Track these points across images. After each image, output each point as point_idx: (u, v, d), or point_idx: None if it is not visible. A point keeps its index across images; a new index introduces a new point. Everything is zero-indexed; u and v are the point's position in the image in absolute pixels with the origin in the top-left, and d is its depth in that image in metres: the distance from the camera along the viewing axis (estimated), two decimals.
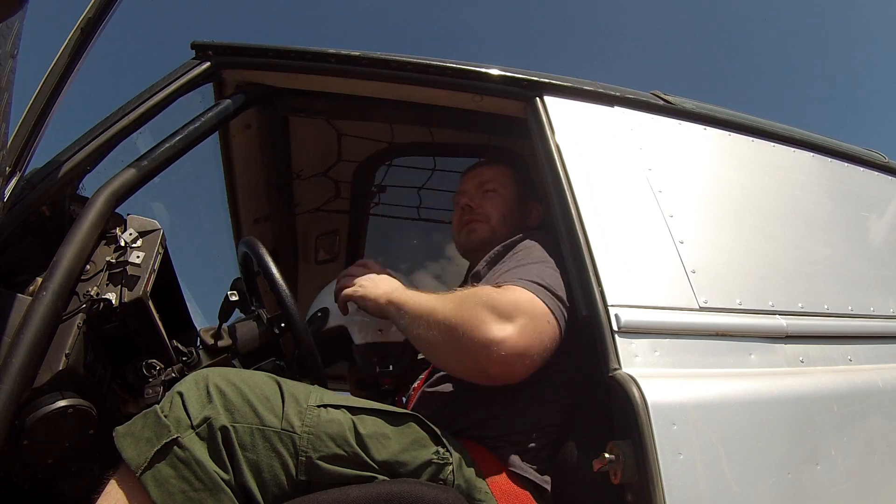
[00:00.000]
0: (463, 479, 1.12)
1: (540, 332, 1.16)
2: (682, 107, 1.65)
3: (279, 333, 1.38)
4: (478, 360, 1.14)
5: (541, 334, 1.16)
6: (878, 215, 1.79)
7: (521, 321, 1.15)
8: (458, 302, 1.22)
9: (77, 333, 1.08)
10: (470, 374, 1.21)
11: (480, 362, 1.14)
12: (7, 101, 1.00)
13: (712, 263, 1.34)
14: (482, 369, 1.16)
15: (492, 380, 1.18)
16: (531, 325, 1.16)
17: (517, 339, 1.13)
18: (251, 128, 1.82)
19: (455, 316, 1.19)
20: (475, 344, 1.13)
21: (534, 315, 1.17)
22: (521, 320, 1.15)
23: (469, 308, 1.18)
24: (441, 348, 1.23)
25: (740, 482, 1.04)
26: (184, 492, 0.93)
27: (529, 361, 1.15)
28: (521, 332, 1.14)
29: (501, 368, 1.14)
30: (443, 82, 1.56)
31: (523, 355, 1.14)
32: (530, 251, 1.37)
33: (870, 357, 1.39)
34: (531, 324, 1.16)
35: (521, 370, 1.16)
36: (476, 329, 1.14)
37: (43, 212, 1.23)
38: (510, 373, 1.16)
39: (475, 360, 1.15)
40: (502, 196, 1.70)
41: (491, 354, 1.12)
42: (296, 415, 1.04)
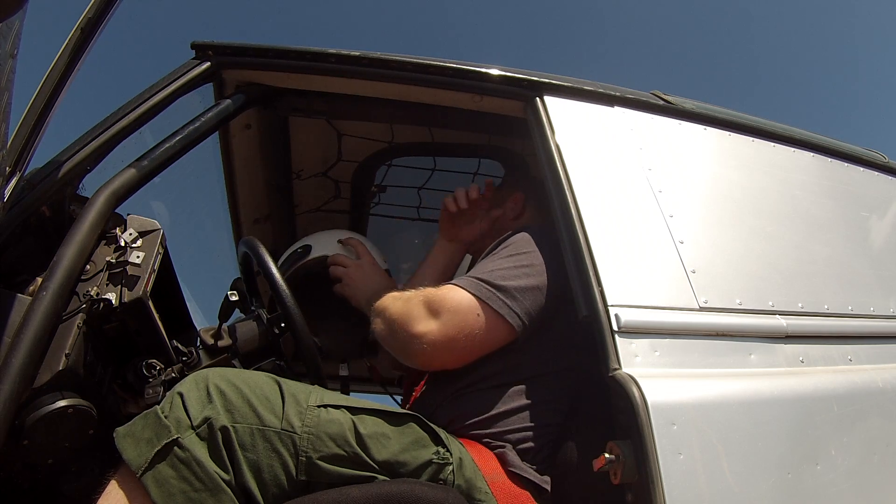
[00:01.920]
0: (463, 479, 1.12)
1: (464, 325, 1.25)
2: (682, 107, 1.65)
3: (279, 333, 1.38)
4: (406, 351, 1.30)
5: (465, 327, 1.25)
6: (879, 215, 1.79)
7: (444, 317, 1.26)
8: (404, 300, 1.36)
9: (77, 333, 1.07)
10: (405, 363, 1.35)
11: (408, 353, 1.30)
12: (7, 101, 1.00)
13: (712, 263, 1.34)
14: (410, 359, 1.31)
15: (422, 368, 1.37)
16: (454, 319, 1.25)
17: (437, 334, 1.25)
18: (251, 128, 1.82)
19: (396, 312, 1.34)
20: (404, 337, 1.29)
21: (457, 310, 1.26)
22: (444, 315, 1.26)
23: (407, 305, 1.33)
24: (384, 340, 1.38)
25: (740, 482, 1.04)
26: (184, 492, 0.93)
27: (454, 352, 1.27)
28: (442, 326, 1.25)
29: (424, 360, 1.29)
30: (443, 82, 1.56)
31: (445, 348, 1.25)
32: (508, 247, 1.40)
33: (870, 357, 1.39)
34: (454, 318, 1.25)
35: (446, 360, 1.29)
36: (405, 324, 1.29)
37: (43, 212, 1.23)
38: (434, 363, 1.30)
39: (405, 351, 1.31)
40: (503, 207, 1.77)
41: (415, 347, 1.26)
42: (296, 415, 1.05)
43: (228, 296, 1.36)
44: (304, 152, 2.04)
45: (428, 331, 1.25)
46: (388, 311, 1.37)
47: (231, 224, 2.06)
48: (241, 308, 1.40)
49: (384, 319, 1.37)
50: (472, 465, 1.15)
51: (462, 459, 1.14)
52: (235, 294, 1.36)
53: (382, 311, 1.39)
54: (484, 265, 1.37)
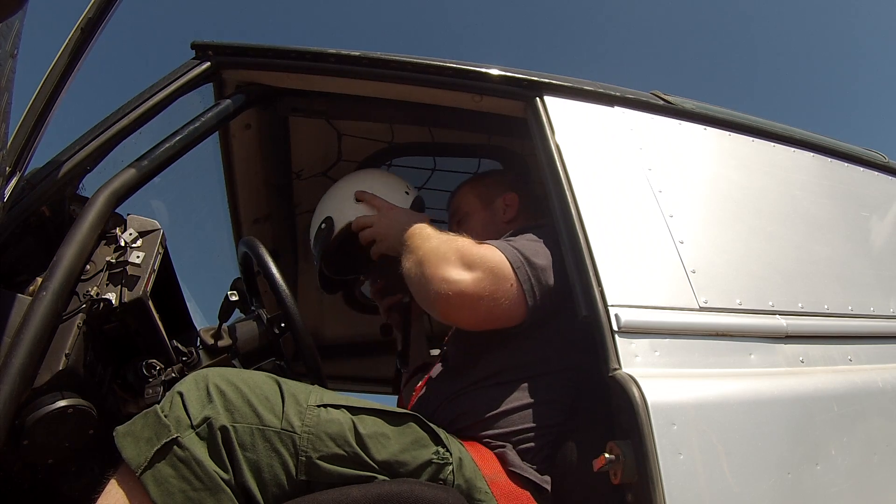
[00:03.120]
0: (463, 479, 1.11)
1: (495, 289, 1.22)
2: (682, 107, 1.65)
3: (279, 333, 1.38)
4: (429, 293, 1.25)
5: (495, 292, 1.22)
6: (879, 215, 1.79)
7: (479, 273, 1.23)
8: (439, 241, 1.33)
9: (77, 333, 1.07)
10: (423, 304, 1.32)
11: (431, 296, 1.25)
12: (7, 101, 1.00)
13: (712, 263, 1.34)
14: (432, 303, 1.26)
15: (438, 316, 1.29)
16: (488, 279, 1.22)
17: (468, 286, 1.21)
18: (251, 128, 1.82)
19: (429, 251, 1.31)
20: (433, 278, 1.24)
21: (495, 272, 1.24)
22: (479, 272, 1.23)
23: (443, 248, 1.29)
24: (410, 277, 1.33)
25: (740, 482, 1.04)
26: (184, 491, 0.93)
27: (476, 312, 1.23)
28: (474, 282, 1.22)
29: (444, 307, 1.24)
30: (443, 82, 1.56)
31: (470, 303, 1.22)
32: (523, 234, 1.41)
33: (870, 357, 1.39)
34: (489, 278, 1.23)
35: (464, 317, 1.25)
36: (437, 266, 1.25)
37: (43, 212, 1.23)
38: (451, 315, 1.26)
39: (428, 293, 1.26)
40: (472, 215, 1.76)
41: (441, 290, 1.22)
42: (296, 415, 1.05)
43: (228, 296, 1.36)
44: (304, 152, 2.04)
45: (459, 280, 1.22)
46: (421, 250, 1.33)
47: (231, 224, 2.06)
48: (241, 308, 1.40)
49: (416, 258, 1.33)
50: (471, 464, 1.15)
51: (462, 459, 1.14)
52: (235, 294, 1.36)
53: (415, 250, 1.35)
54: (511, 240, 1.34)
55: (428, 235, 1.38)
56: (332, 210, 1.76)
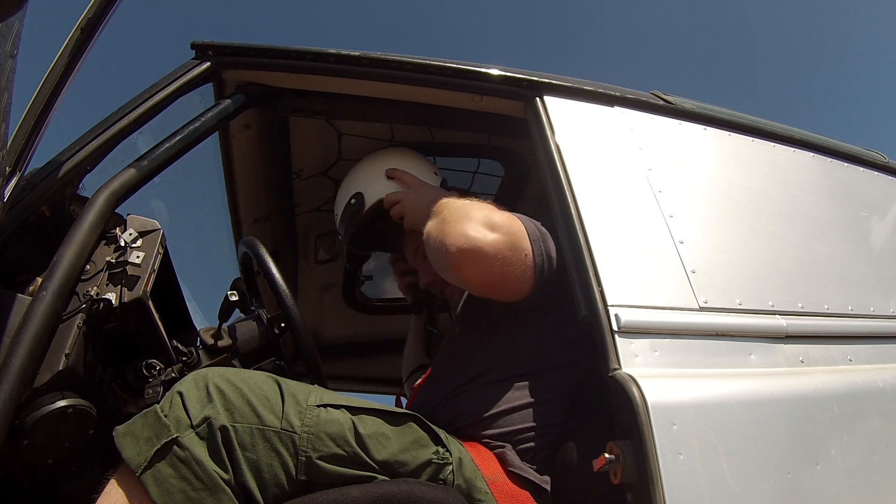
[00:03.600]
0: (463, 479, 1.12)
1: (510, 254, 1.24)
2: (682, 107, 1.65)
3: (279, 333, 1.38)
4: (446, 246, 1.25)
5: (510, 257, 1.24)
6: (879, 215, 1.79)
7: (499, 235, 1.24)
8: (464, 204, 1.34)
9: (77, 333, 1.07)
10: (436, 261, 1.32)
11: (446, 248, 1.25)
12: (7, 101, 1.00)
13: (712, 263, 1.34)
14: (446, 255, 1.25)
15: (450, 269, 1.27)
16: (506, 244, 1.24)
17: (485, 245, 1.22)
18: (251, 128, 1.82)
19: (454, 211, 1.31)
20: (451, 233, 1.25)
21: (514, 238, 1.25)
22: (499, 234, 1.24)
23: (467, 208, 1.31)
24: (431, 236, 1.32)
25: (740, 482, 1.04)
26: (183, 491, 0.93)
27: (488, 271, 1.24)
28: (493, 242, 1.23)
29: (458, 260, 1.23)
30: (443, 82, 1.56)
31: (484, 261, 1.22)
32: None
33: (870, 357, 1.39)
34: (507, 242, 1.24)
35: (475, 273, 1.25)
36: (459, 222, 1.26)
37: (43, 212, 1.23)
38: (465, 269, 1.25)
39: (444, 246, 1.25)
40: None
41: (458, 244, 1.23)
42: (296, 415, 1.04)
43: (228, 296, 1.36)
44: (304, 152, 2.03)
45: (478, 237, 1.23)
46: (445, 211, 1.34)
47: (231, 224, 2.06)
48: (241, 308, 1.40)
49: (439, 218, 1.33)
50: (471, 464, 1.15)
51: (462, 459, 1.14)
52: (235, 294, 1.36)
53: (439, 212, 1.36)
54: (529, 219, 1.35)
55: (454, 200, 1.39)
56: (363, 186, 1.74)
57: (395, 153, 1.82)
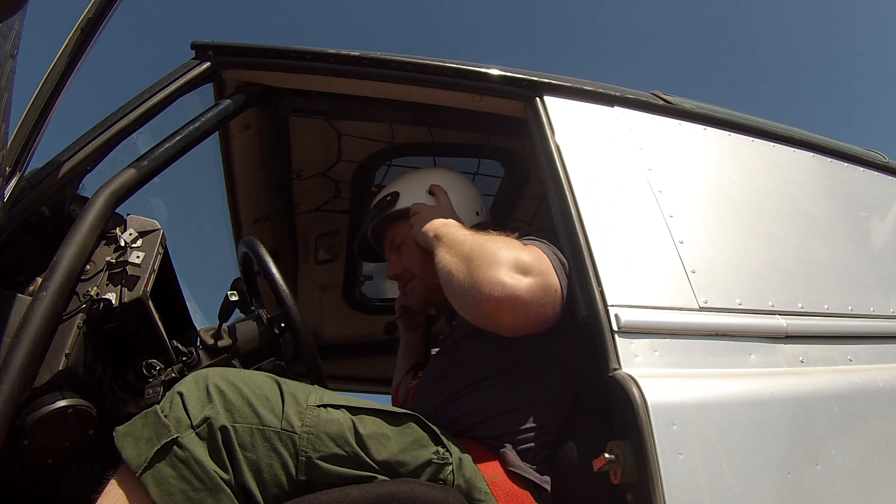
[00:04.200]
0: (463, 479, 1.12)
1: (544, 295, 1.20)
2: (682, 107, 1.65)
3: (279, 333, 1.38)
4: (479, 294, 1.18)
5: (544, 298, 1.20)
6: (879, 215, 1.79)
7: (532, 279, 1.19)
8: (486, 241, 1.28)
9: (77, 333, 1.08)
10: (464, 306, 1.26)
11: (480, 296, 1.18)
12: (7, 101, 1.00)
13: (712, 263, 1.33)
14: (478, 304, 1.20)
15: (481, 318, 1.23)
16: (540, 286, 1.20)
17: (520, 291, 1.17)
18: (251, 128, 1.82)
19: (480, 249, 1.25)
20: (485, 280, 1.18)
21: (545, 279, 1.22)
22: (532, 279, 1.19)
23: (492, 248, 1.24)
24: (454, 275, 1.26)
25: (740, 482, 1.04)
26: (184, 492, 0.93)
27: (524, 317, 1.19)
28: (527, 288, 1.18)
29: (493, 307, 1.18)
30: (443, 82, 1.56)
31: (518, 308, 1.18)
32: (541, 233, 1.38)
33: (870, 357, 1.39)
34: (541, 284, 1.20)
35: (511, 320, 1.20)
36: (491, 267, 1.19)
37: (43, 212, 1.23)
38: (500, 317, 1.19)
39: (476, 293, 1.19)
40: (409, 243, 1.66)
41: (494, 294, 1.17)
42: (296, 415, 1.05)
43: (228, 296, 1.36)
44: (304, 152, 2.04)
45: (515, 285, 1.17)
46: (467, 245, 1.29)
47: (231, 224, 2.06)
48: (241, 308, 1.40)
49: (460, 254, 1.28)
50: (471, 465, 1.15)
51: (462, 459, 1.14)
52: (235, 294, 1.36)
53: (457, 244, 1.32)
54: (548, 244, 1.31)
55: (473, 234, 1.34)
56: (403, 188, 1.73)
57: (449, 175, 1.79)
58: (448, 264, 1.30)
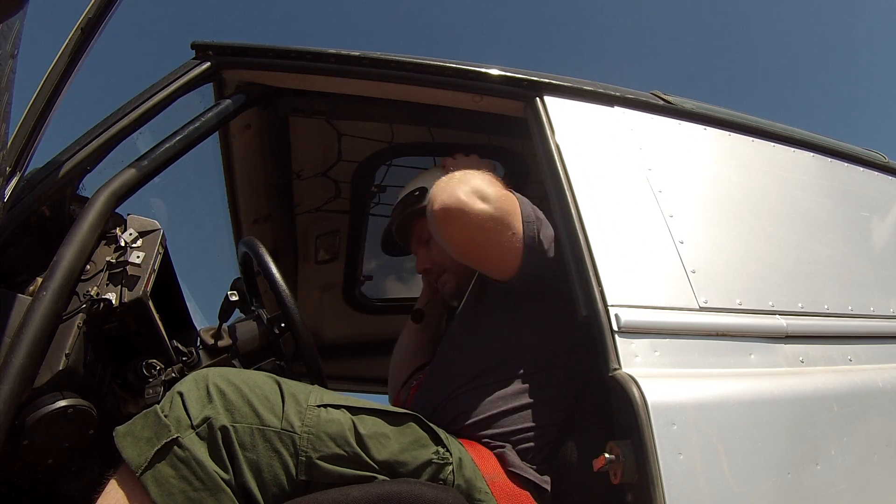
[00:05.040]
0: (463, 479, 1.12)
1: (496, 227, 1.25)
2: (682, 107, 1.65)
3: (279, 333, 1.38)
4: (436, 199, 1.26)
5: (495, 230, 1.25)
6: (879, 215, 1.79)
7: (488, 206, 1.25)
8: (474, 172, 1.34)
9: (77, 333, 1.07)
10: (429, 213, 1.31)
11: (435, 203, 1.26)
12: (7, 101, 1.00)
13: (712, 263, 1.34)
14: (432, 209, 1.27)
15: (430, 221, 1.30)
16: (493, 217, 1.25)
17: (467, 208, 1.23)
18: (251, 128, 1.82)
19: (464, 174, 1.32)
20: (446, 190, 1.26)
21: (503, 214, 1.27)
22: (489, 206, 1.25)
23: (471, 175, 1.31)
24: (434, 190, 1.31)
25: (740, 482, 1.04)
26: (184, 492, 0.93)
27: (467, 235, 1.27)
28: (476, 211, 1.24)
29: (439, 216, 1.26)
30: (443, 82, 1.56)
31: (461, 224, 1.25)
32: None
33: (870, 357, 1.39)
34: (495, 215, 1.25)
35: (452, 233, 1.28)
36: (458, 185, 1.27)
37: (43, 212, 1.23)
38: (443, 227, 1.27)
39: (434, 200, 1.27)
40: None
41: (445, 201, 1.24)
42: (296, 415, 1.04)
43: (228, 296, 1.36)
44: (304, 152, 2.04)
45: (466, 201, 1.24)
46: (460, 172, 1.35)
47: (231, 224, 2.06)
48: (241, 308, 1.40)
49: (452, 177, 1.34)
50: (471, 464, 1.15)
51: (462, 459, 1.14)
52: (235, 294, 1.36)
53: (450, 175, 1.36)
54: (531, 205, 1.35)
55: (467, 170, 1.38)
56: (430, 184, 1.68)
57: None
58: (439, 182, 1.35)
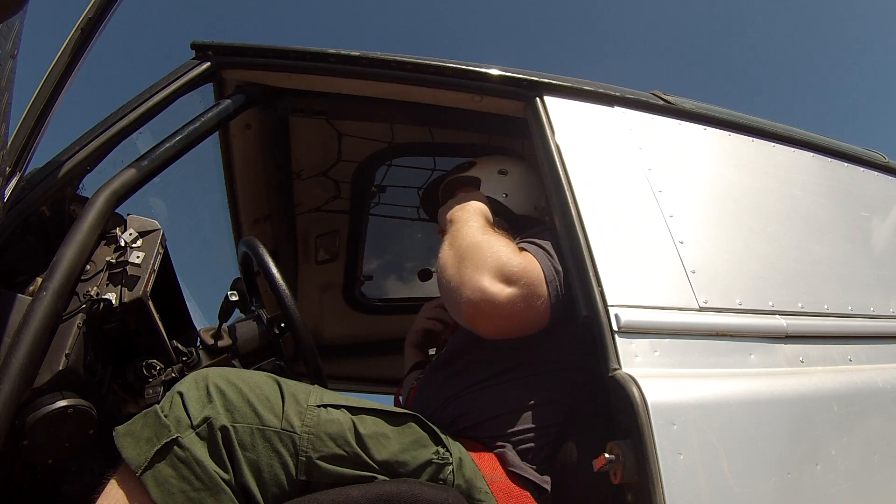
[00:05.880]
0: (463, 479, 1.11)
1: (527, 305, 1.22)
2: (682, 107, 1.65)
3: (279, 333, 1.38)
4: (460, 295, 1.22)
5: (527, 308, 1.22)
6: (879, 215, 1.79)
7: (516, 289, 1.21)
8: (482, 241, 1.29)
9: (77, 333, 1.08)
10: (449, 305, 1.30)
11: (460, 299, 1.22)
12: (7, 101, 1.00)
13: (712, 263, 1.34)
14: (458, 306, 1.23)
15: (460, 320, 1.26)
16: (523, 296, 1.21)
17: (501, 300, 1.19)
18: (251, 128, 1.82)
19: (471, 251, 1.27)
20: (468, 283, 1.21)
21: (531, 288, 1.22)
22: (517, 288, 1.21)
23: (485, 248, 1.26)
24: (445, 271, 1.29)
25: (740, 482, 1.04)
26: (184, 492, 0.93)
27: (501, 325, 1.23)
28: (507, 298, 1.20)
29: (471, 313, 1.21)
30: (443, 82, 1.56)
31: (493, 316, 1.21)
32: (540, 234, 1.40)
33: (870, 357, 1.39)
34: (524, 295, 1.22)
35: (487, 326, 1.24)
36: (476, 271, 1.22)
37: (43, 212, 1.23)
38: (477, 323, 1.23)
39: (458, 295, 1.23)
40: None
41: (472, 298, 1.20)
42: (296, 415, 1.04)
43: (228, 296, 1.36)
44: (304, 152, 2.04)
45: (495, 293, 1.19)
46: (462, 240, 1.31)
47: (231, 224, 2.06)
48: (241, 308, 1.40)
49: (457, 248, 1.30)
50: (471, 464, 1.15)
51: (462, 459, 1.14)
52: (235, 294, 1.36)
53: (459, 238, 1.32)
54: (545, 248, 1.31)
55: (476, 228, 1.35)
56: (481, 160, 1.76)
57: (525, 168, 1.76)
58: (443, 256, 1.32)
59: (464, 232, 1.35)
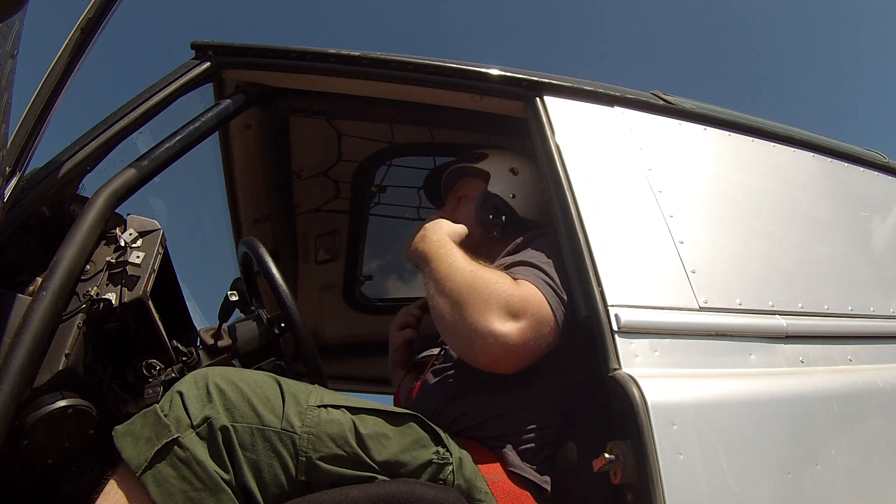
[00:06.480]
0: (463, 479, 1.11)
1: (537, 335, 1.20)
2: (682, 107, 1.65)
3: (279, 333, 1.38)
4: (472, 343, 1.19)
5: (538, 338, 1.20)
6: (879, 215, 1.79)
7: (524, 323, 1.18)
8: (475, 280, 1.24)
9: (77, 333, 1.08)
10: (462, 352, 1.27)
11: (474, 347, 1.19)
12: (7, 101, 1.00)
13: (712, 263, 1.33)
14: (474, 354, 1.21)
15: (479, 366, 1.23)
16: (532, 329, 1.19)
17: (515, 338, 1.17)
18: (251, 128, 1.82)
19: (467, 293, 1.22)
20: (476, 328, 1.17)
21: (538, 319, 1.20)
22: (524, 322, 1.18)
23: (483, 291, 1.21)
24: (446, 319, 1.24)
25: (740, 482, 1.04)
26: (184, 492, 0.93)
27: (520, 360, 1.21)
28: (521, 333, 1.18)
29: (490, 359, 1.19)
30: (443, 82, 1.56)
31: (516, 354, 1.19)
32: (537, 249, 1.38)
33: (870, 357, 1.39)
34: (533, 327, 1.19)
35: (509, 365, 1.21)
36: (481, 315, 1.18)
37: (43, 212, 1.23)
38: (498, 366, 1.21)
39: (470, 343, 1.19)
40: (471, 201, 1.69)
41: (486, 343, 1.17)
42: (296, 415, 1.04)
43: (228, 296, 1.36)
44: (304, 152, 2.04)
45: (506, 333, 1.16)
46: (456, 283, 1.24)
47: (231, 224, 2.07)
48: (241, 308, 1.40)
49: (449, 293, 1.24)
50: (471, 465, 1.15)
51: (462, 459, 1.14)
52: (235, 294, 1.36)
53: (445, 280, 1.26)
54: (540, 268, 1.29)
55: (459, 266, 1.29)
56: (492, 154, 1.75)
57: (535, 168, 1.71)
58: (437, 305, 1.27)
59: (448, 273, 1.29)
